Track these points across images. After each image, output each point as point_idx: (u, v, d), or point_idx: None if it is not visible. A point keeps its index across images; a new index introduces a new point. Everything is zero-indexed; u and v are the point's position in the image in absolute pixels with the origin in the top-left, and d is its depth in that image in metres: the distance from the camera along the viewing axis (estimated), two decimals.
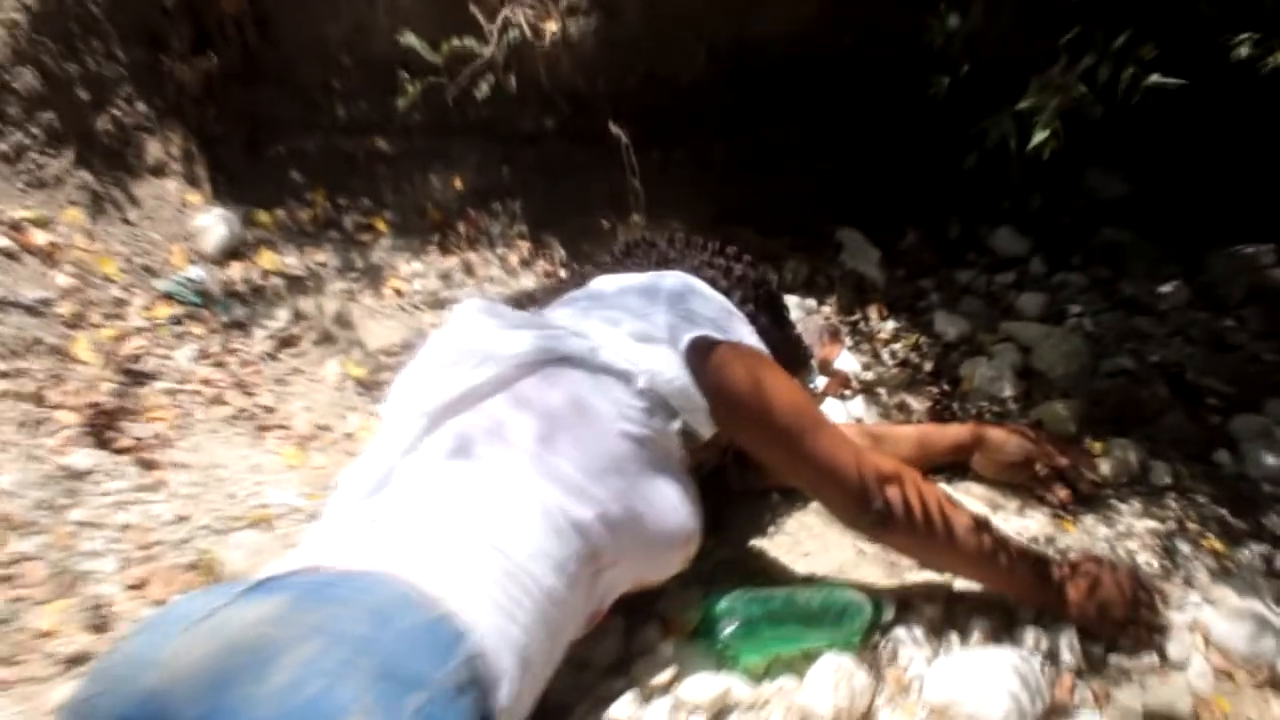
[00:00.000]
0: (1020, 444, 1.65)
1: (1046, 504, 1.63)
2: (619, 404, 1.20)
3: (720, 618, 1.30)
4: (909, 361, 1.98)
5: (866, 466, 1.31)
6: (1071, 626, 1.38)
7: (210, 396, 1.74)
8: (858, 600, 1.35)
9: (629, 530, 1.18)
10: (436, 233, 2.09)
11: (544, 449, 1.15)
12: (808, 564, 1.50)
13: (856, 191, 2.35)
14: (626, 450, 1.19)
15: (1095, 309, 2.14)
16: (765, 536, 1.55)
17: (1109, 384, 1.92)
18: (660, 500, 1.22)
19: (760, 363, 1.30)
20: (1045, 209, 2.49)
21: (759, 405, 1.26)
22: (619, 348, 1.23)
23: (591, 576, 1.17)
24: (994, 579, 1.40)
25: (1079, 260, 2.33)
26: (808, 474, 1.31)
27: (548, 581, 1.10)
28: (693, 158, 2.27)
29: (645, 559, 1.24)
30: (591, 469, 1.16)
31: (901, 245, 2.34)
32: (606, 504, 1.16)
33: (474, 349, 1.24)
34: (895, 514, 1.30)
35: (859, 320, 2.08)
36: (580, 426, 1.18)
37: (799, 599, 1.33)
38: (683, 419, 1.24)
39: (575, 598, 1.14)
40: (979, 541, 1.35)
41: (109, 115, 2.03)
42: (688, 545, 1.27)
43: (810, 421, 1.30)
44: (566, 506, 1.13)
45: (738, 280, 1.48)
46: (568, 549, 1.12)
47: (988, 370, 1.93)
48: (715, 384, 1.26)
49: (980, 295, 2.20)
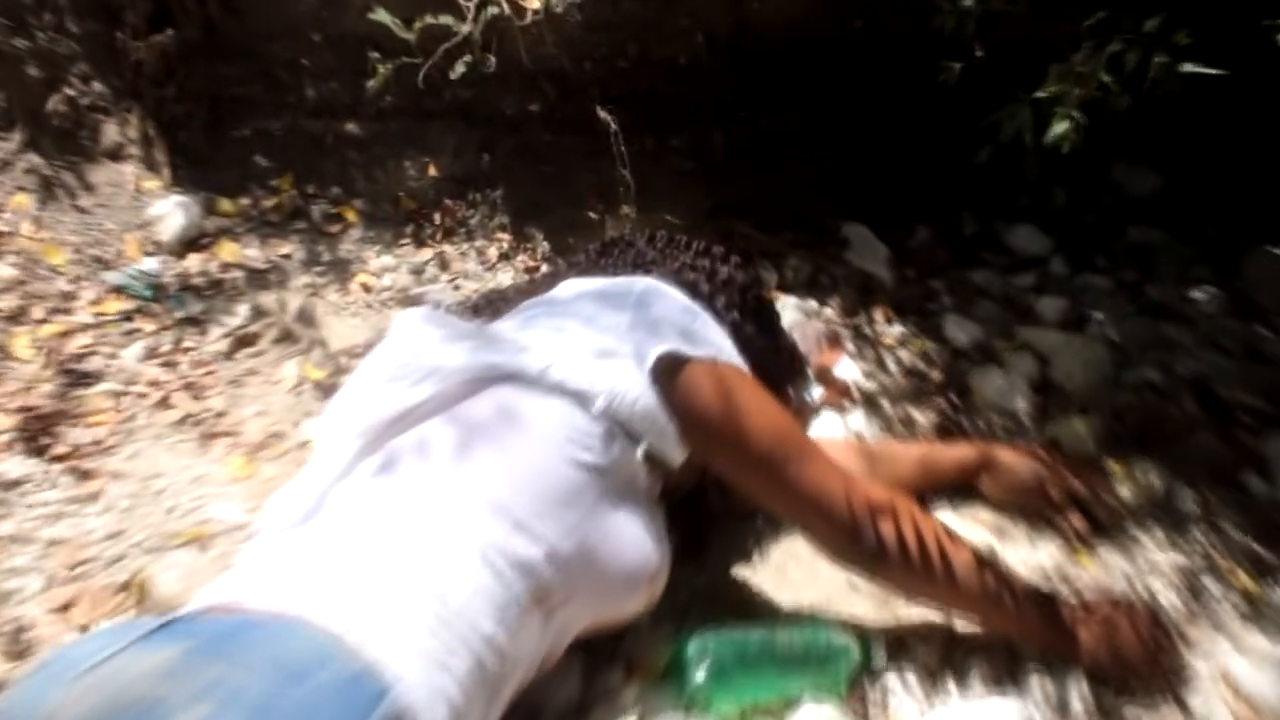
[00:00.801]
0: (1032, 466, 1.55)
1: (1059, 533, 1.53)
2: (573, 429, 1.10)
3: (691, 660, 1.20)
4: (916, 370, 1.88)
5: (857, 496, 1.21)
6: (1082, 673, 1.28)
7: (157, 399, 1.66)
8: (844, 642, 1.26)
9: (583, 569, 1.09)
10: (410, 223, 2.01)
11: (487, 479, 1.06)
12: (794, 596, 1.41)
13: (864, 184, 2.26)
14: (580, 480, 1.09)
15: (1120, 315, 2.04)
16: (748, 565, 1.46)
17: (1132, 398, 1.82)
18: (619, 535, 1.12)
19: (736, 381, 1.20)
20: (1069, 206, 2.39)
21: (733, 429, 1.16)
22: (575, 365, 1.13)
23: (542, 618, 1.07)
24: (998, 620, 1.30)
25: (1103, 261, 2.23)
26: (791, 504, 1.22)
27: (487, 628, 1.00)
28: (688, 147, 2.19)
29: (602, 599, 1.14)
30: (539, 502, 1.06)
31: (911, 243, 2.24)
32: (556, 541, 1.06)
33: (414, 364, 1.15)
34: (888, 549, 1.21)
35: (863, 323, 1.98)
36: (527, 454, 1.08)
37: (779, 640, 1.23)
38: (647, 444, 1.14)
39: (522, 643, 1.05)
40: (981, 579, 1.26)
41: (61, 94, 1.96)
42: (652, 583, 1.18)
43: (793, 447, 1.20)
44: (509, 545, 1.04)
45: (723, 284, 1.38)
46: (510, 591, 1.03)
47: (1001, 381, 1.83)
48: (684, 406, 1.16)
49: (996, 298, 2.10)
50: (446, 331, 1.17)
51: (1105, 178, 2.42)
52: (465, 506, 1.05)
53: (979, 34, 1.64)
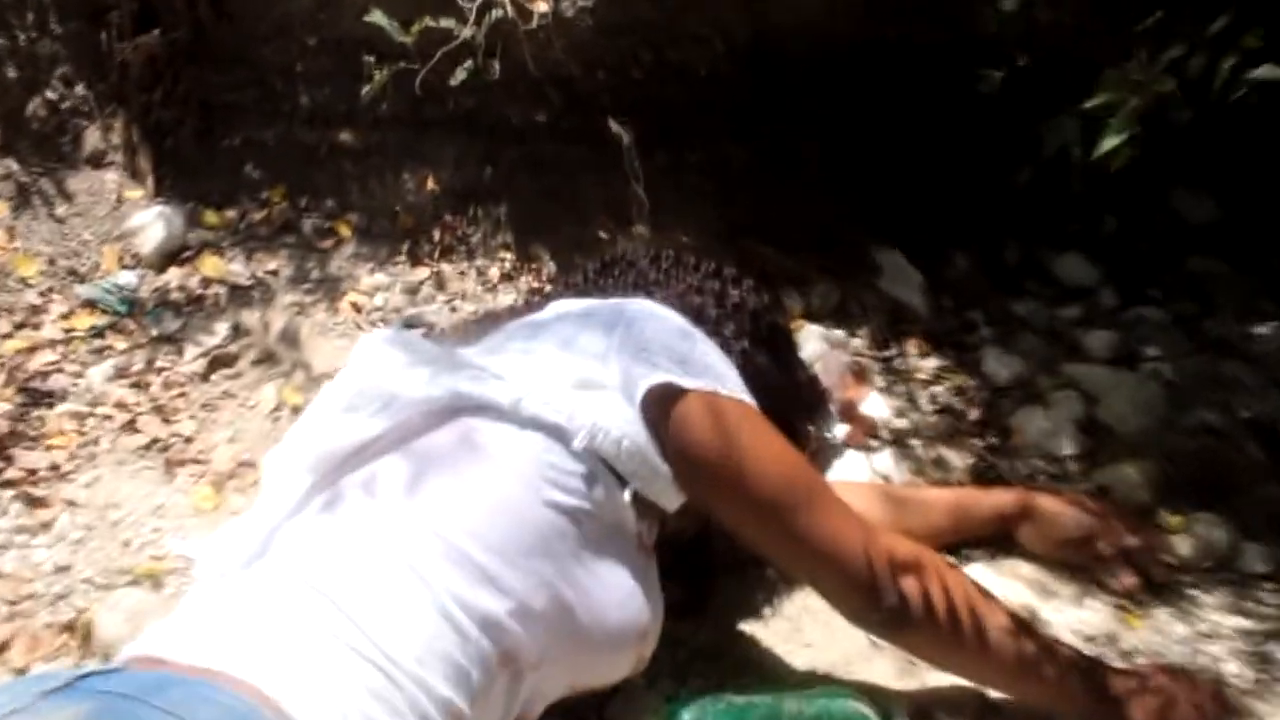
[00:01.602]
0: (1079, 517, 1.44)
1: (1109, 592, 1.42)
2: (548, 466, 1.00)
3: None
4: (951, 408, 1.78)
5: (877, 551, 1.10)
6: None
7: (122, 422, 1.59)
8: (861, 711, 1.14)
9: (557, 627, 0.98)
10: (407, 240, 1.92)
11: (447, 523, 0.96)
12: (808, 657, 1.31)
13: (897, 206, 2.16)
14: (556, 525, 0.99)
15: (1176, 352, 1.93)
16: (758, 620, 1.35)
17: (1191, 443, 1.72)
18: (601, 590, 1.02)
19: (739, 416, 1.09)
20: (1120, 233, 2.29)
21: (734, 472, 1.06)
22: (552, 395, 1.03)
23: (508, 682, 0.97)
24: (1037, 692, 1.19)
25: (1158, 293, 2.12)
26: (802, 558, 1.11)
27: (443, 691, 0.90)
28: (707, 162, 2.10)
29: (583, 661, 1.03)
30: (508, 550, 0.96)
31: (948, 271, 2.13)
32: (525, 595, 0.96)
33: (373, 392, 1.06)
34: (912, 612, 1.10)
35: (894, 356, 1.87)
36: (494, 494, 0.98)
37: (786, 709, 1.12)
38: (634, 487, 1.04)
39: (485, 711, 0.94)
40: (1018, 646, 1.15)
41: (41, 98, 1.91)
42: (641, 644, 1.07)
43: (804, 492, 1.09)
44: (472, 598, 0.94)
45: (733, 309, 1.27)
46: (472, 652, 0.93)
47: (1045, 422, 1.72)
48: (679, 444, 1.05)
49: (1040, 331, 2.00)
50: (410, 356, 1.08)
51: (1161, 204, 2.32)
52: (420, 552, 0.95)
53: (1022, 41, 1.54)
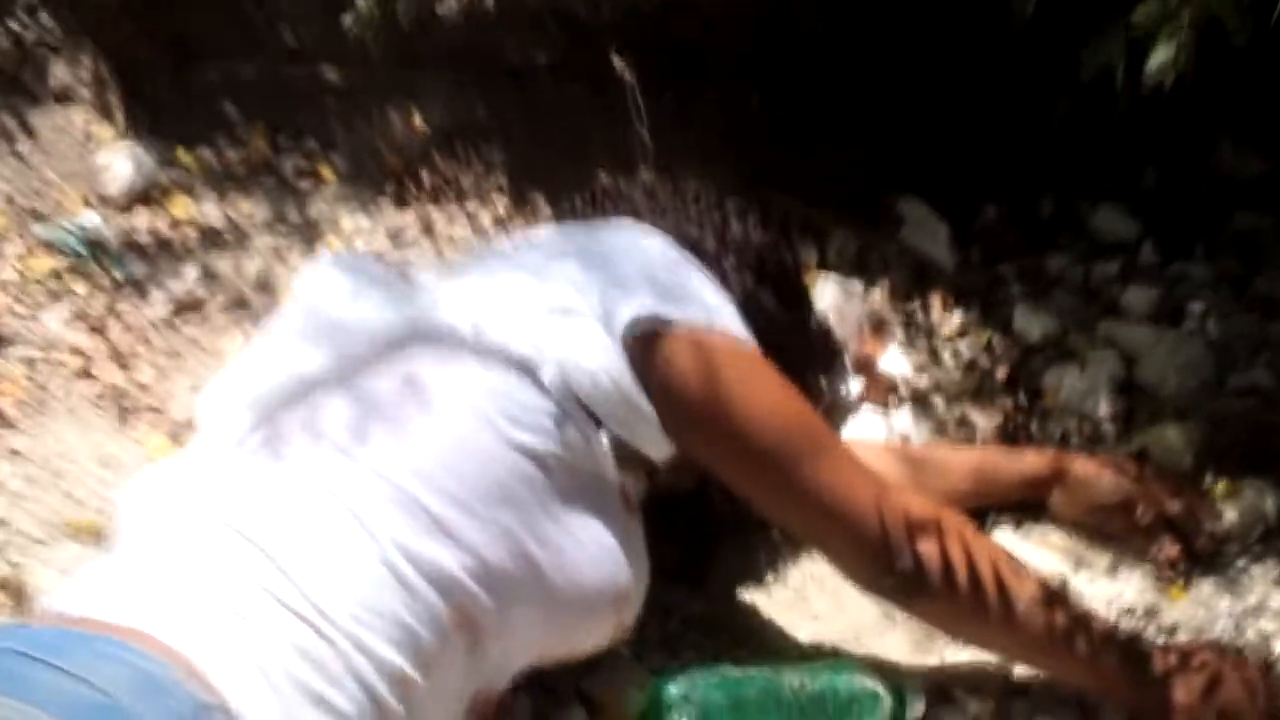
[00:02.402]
0: (1116, 481, 1.34)
1: (1149, 563, 1.32)
2: (512, 403, 0.90)
3: (671, 705, 0.99)
4: (977, 365, 1.67)
5: (891, 508, 1.00)
6: None
7: (76, 369, 1.51)
8: (870, 688, 1.04)
9: (522, 587, 0.89)
10: (392, 182, 1.84)
11: (395, 465, 0.86)
12: (814, 630, 1.22)
13: (924, 155, 2.05)
14: (521, 471, 0.89)
15: (1222, 310, 1.81)
16: (760, 588, 1.26)
17: (1238, 406, 1.61)
18: (574, 546, 0.92)
19: (732, 354, 0.98)
20: (1162, 188, 2.16)
21: (725, 418, 0.96)
22: (518, 323, 0.93)
23: (466, 649, 0.87)
24: (1069, 669, 1.08)
25: (1202, 250, 1.99)
26: (805, 518, 1.01)
27: (385, 655, 0.80)
28: (718, 105, 2.00)
29: (553, 626, 0.93)
30: (464, 496, 0.87)
31: (978, 223, 2.02)
32: (484, 548, 0.86)
33: (318, 322, 0.97)
34: (930, 577, 1.00)
35: (916, 310, 1.77)
36: (450, 435, 0.89)
37: (785, 684, 1.02)
38: (613, 431, 0.93)
39: (439, 680, 0.85)
40: (1048, 618, 1.04)
41: (6, 29, 1.83)
42: (619, 609, 0.96)
43: (807, 441, 0.98)
44: (421, 549, 0.84)
45: (736, 245, 1.16)
46: (421, 611, 0.83)
47: (1079, 381, 1.61)
48: (662, 384, 0.95)
49: (1074, 288, 1.89)
50: (359, 282, 0.98)
51: (1205, 157, 2.20)
52: (363, 496, 0.85)
53: None
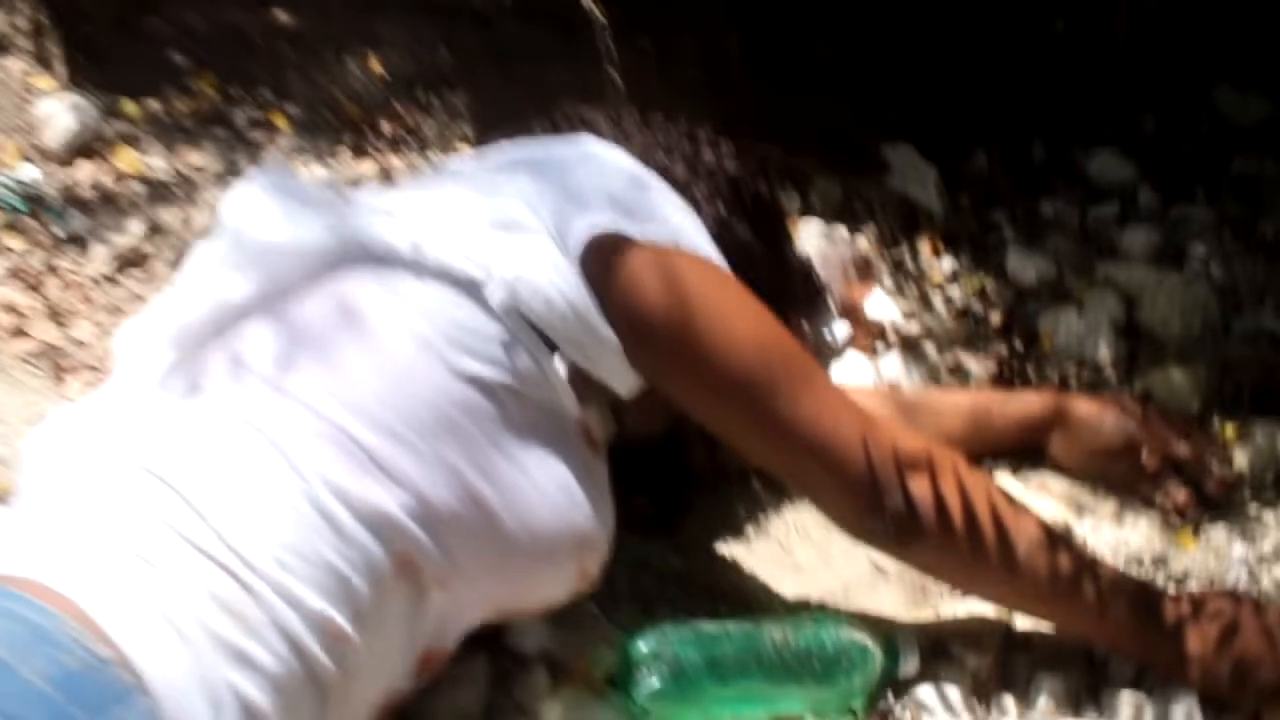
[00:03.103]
0: (1119, 422, 1.26)
1: (1156, 509, 1.25)
2: (456, 328, 0.83)
3: (642, 662, 0.91)
4: (969, 310, 1.60)
5: (878, 444, 0.92)
6: (1192, 692, 1.00)
7: (10, 327, 1.42)
8: (859, 643, 0.97)
9: (470, 530, 0.81)
10: (351, 131, 1.75)
11: (325, 397, 0.79)
12: (799, 584, 1.13)
13: (909, 98, 1.99)
14: (467, 402, 0.82)
15: (1226, 252, 1.74)
16: (740, 541, 1.18)
17: (1245, 350, 1.54)
18: (529, 485, 0.84)
19: (701, 276, 0.91)
20: (1160, 134, 2.09)
21: (694, 345, 0.88)
22: (462, 238, 0.85)
23: (409, 600, 0.79)
24: (1074, 618, 1.01)
25: (1203, 194, 1.93)
26: (785, 455, 0.93)
27: (313, 605, 0.73)
28: (695, 50, 1.92)
29: (507, 574, 0.85)
30: (403, 430, 0.79)
31: (967, 169, 1.95)
32: (426, 487, 0.79)
33: (244, 247, 0.89)
34: (923, 518, 0.92)
35: (904, 255, 1.69)
36: (386, 363, 0.81)
37: (766, 639, 0.94)
38: (570, 358, 0.85)
39: (378, 635, 0.77)
40: (1052, 562, 0.97)
41: None
42: (581, 556, 0.89)
43: (784, 371, 0.90)
44: (354, 488, 0.77)
45: (706, 173, 1.08)
46: (355, 557, 0.75)
47: (1078, 324, 1.54)
48: (624, 309, 0.87)
49: (1070, 231, 1.82)
50: (288, 202, 0.90)
51: (1205, 102, 2.13)
52: (289, 430, 0.78)
53: None
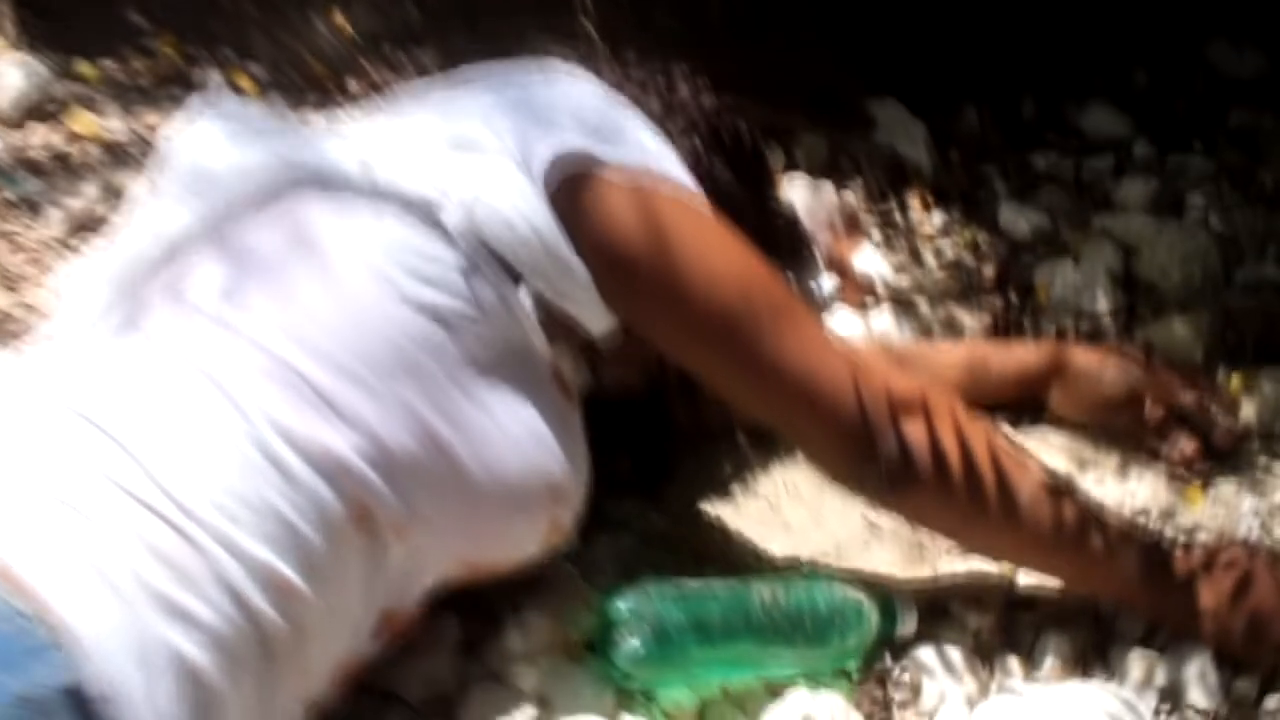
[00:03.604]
0: (1121, 371, 1.20)
1: (1162, 462, 1.19)
2: (410, 254, 0.77)
3: (623, 623, 0.85)
4: (961, 264, 1.55)
5: (870, 385, 0.87)
6: (1205, 649, 0.95)
7: None
8: (853, 601, 0.91)
9: (431, 475, 0.75)
10: (317, 91, 1.69)
11: (272, 332, 0.74)
12: (789, 544, 1.07)
13: (897, 58, 1.93)
14: (424, 335, 0.76)
15: (1225, 203, 1.69)
16: (726, 500, 1.12)
17: (1249, 301, 1.49)
18: (493, 426, 0.78)
19: (679, 205, 0.85)
20: (1153, 89, 2.05)
21: (672, 277, 0.82)
22: (417, 162, 0.79)
23: (366, 552, 0.73)
24: (1080, 571, 0.95)
25: (1200, 146, 1.88)
26: (770, 398, 0.87)
27: (259, 555, 0.67)
28: (676, 5, 1.85)
29: (471, 527, 0.79)
30: (355, 366, 0.74)
31: (956, 125, 1.90)
32: (381, 427, 0.73)
33: (189, 178, 0.82)
34: (918, 464, 0.86)
35: (893, 210, 1.63)
36: (337, 295, 0.76)
37: (754, 598, 0.88)
38: (536, 289, 0.79)
39: (333, 591, 0.71)
40: (1057, 512, 0.91)
41: None
42: (553, 505, 0.82)
43: (768, 307, 0.84)
44: (303, 429, 0.71)
45: (682, 108, 1.02)
46: (304, 504, 0.70)
47: (1074, 276, 1.48)
48: (595, 238, 0.81)
49: (1064, 184, 1.77)
50: (236, 130, 0.84)
51: (1198, 58, 2.09)
52: (233, 368, 0.72)
53: None
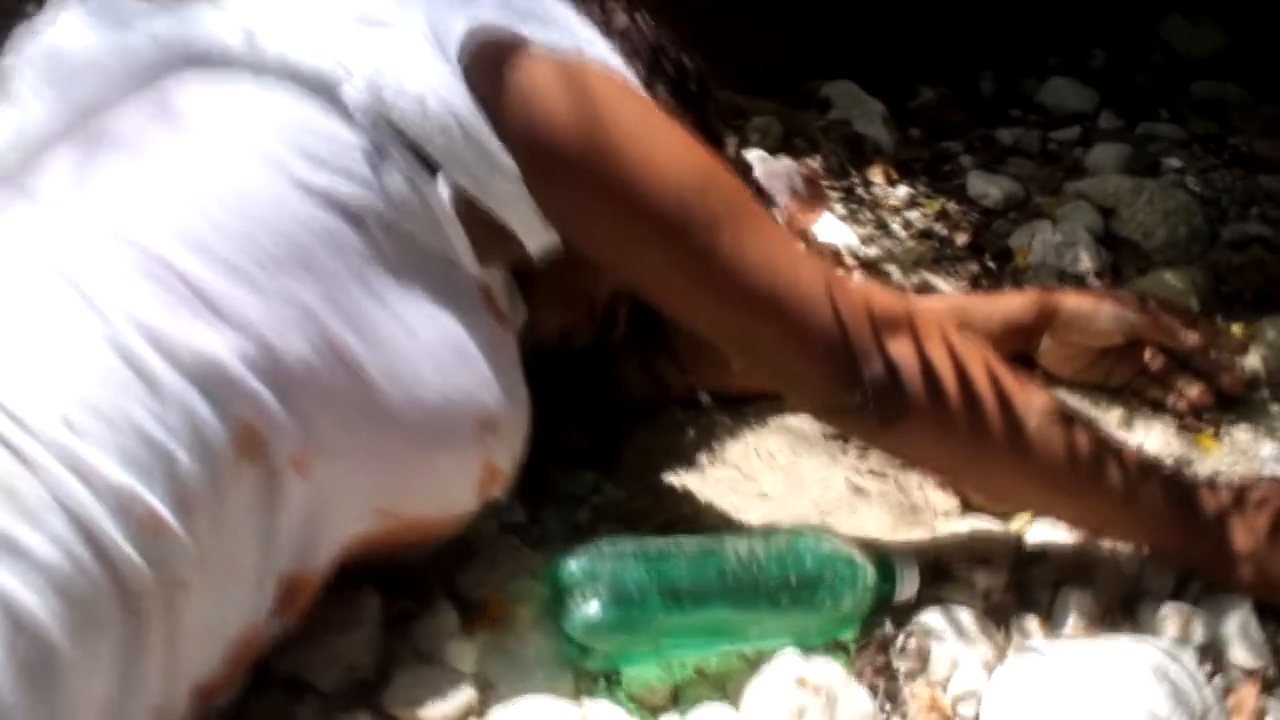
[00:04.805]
0: (1116, 313, 1.07)
1: (1169, 413, 1.07)
2: (305, 134, 0.65)
3: (575, 590, 0.71)
4: (932, 233, 1.44)
5: (849, 298, 0.76)
6: (1244, 601, 0.83)
7: None
8: (844, 555, 0.78)
9: (333, 391, 0.62)
10: None
11: (138, 219, 0.62)
12: (765, 512, 0.94)
13: (851, 39, 1.85)
14: (324, 227, 0.64)
15: (1201, 166, 1.62)
16: (692, 469, 0.98)
17: (1238, 257, 1.40)
18: (409, 337, 0.66)
19: (617, 90, 0.74)
20: (1111, 67, 1.99)
21: (612, 169, 0.70)
22: (311, 33, 0.67)
23: (259, 489, 0.60)
24: (1099, 511, 0.83)
25: (1167, 115, 1.82)
26: (734, 312, 0.75)
27: (114, 478, 0.56)
28: None
29: (387, 462, 0.66)
30: (238, 260, 0.61)
31: (914, 105, 1.82)
32: (269, 330, 0.61)
33: (50, 69, 0.71)
34: (909, 387, 0.75)
35: (856, 184, 1.53)
36: (219, 178, 0.64)
37: (728, 552, 0.75)
38: (455, 179, 0.67)
39: (214, 534, 0.59)
40: (1068, 438, 0.79)
41: None
42: (485, 441, 0.69)
43: (723, 204, 0.73)
44: (173, 330, 0.59)
45: (621, 33, 0.91)
46: (176, 420, 0.58)
47: (1054, 236, 1.38)
48: (521, 125, 0.69)
49: (1032, 154, 1.69)
50: (99, 11, 0.72)
51: (1153, 36, 2.04)
52: (90, 261, 0.60)
53: None
